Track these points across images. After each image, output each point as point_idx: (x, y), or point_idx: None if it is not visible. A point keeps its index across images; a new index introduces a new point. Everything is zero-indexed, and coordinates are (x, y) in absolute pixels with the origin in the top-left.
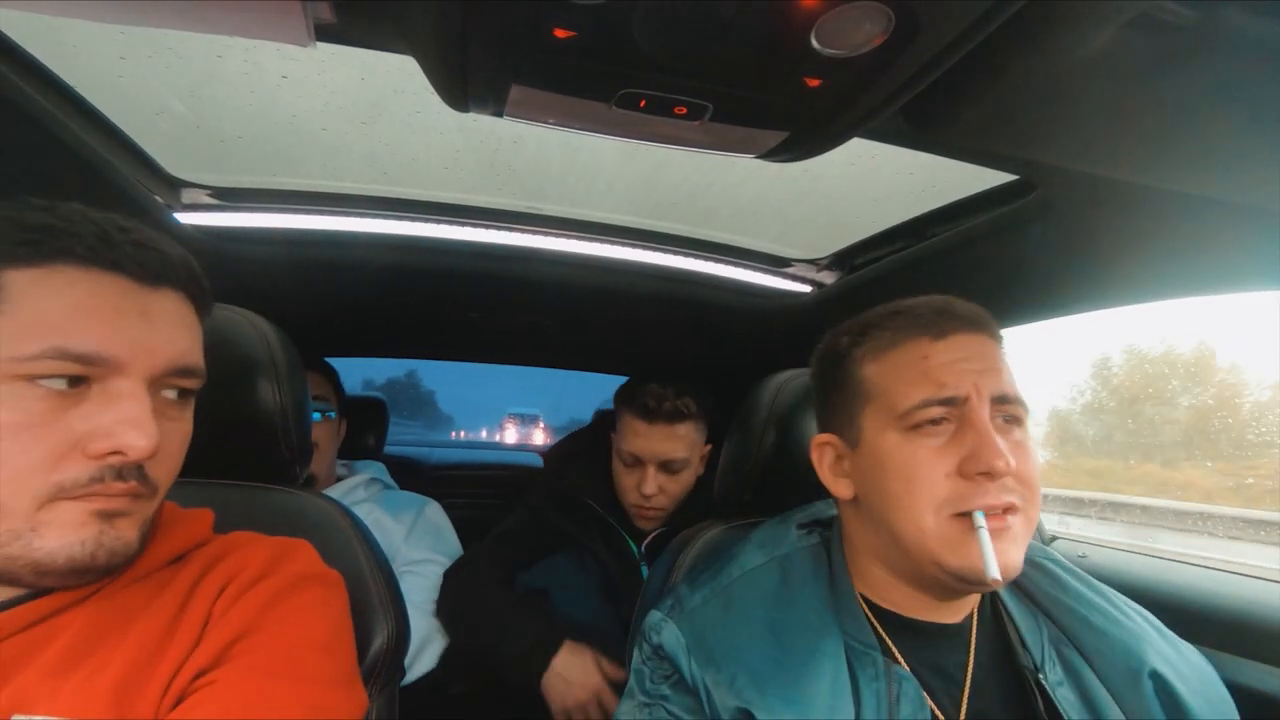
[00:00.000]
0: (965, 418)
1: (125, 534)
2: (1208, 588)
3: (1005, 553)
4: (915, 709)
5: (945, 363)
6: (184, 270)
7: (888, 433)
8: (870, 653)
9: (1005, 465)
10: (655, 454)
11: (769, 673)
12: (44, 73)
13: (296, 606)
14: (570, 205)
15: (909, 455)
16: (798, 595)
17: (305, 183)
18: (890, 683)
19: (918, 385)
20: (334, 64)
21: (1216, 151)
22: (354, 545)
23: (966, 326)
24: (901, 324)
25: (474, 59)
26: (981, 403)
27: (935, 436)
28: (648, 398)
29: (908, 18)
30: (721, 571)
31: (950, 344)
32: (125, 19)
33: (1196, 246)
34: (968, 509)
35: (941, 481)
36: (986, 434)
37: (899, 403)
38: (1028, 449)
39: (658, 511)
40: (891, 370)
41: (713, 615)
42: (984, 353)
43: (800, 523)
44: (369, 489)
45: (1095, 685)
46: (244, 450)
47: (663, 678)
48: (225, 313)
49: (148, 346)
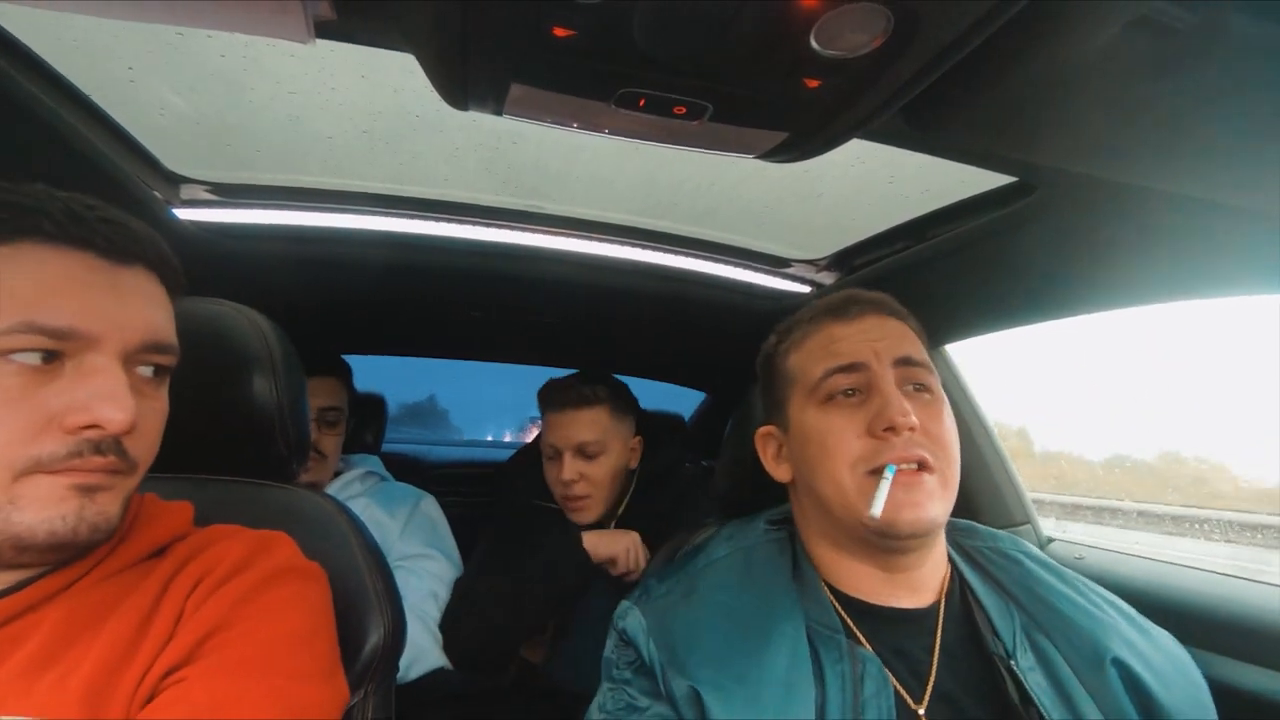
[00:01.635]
0: (871, 384)
1: (106, 508)
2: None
3: (920, 505)
4: (878, 687)
5: (849, 336)
6: (152, 248)
7: (808, 409)
8: (834, 636)
9: (906, 420)
10: (568, 440)
11: (723, 653)
12: (44, 68)
13: (272, 600)
14: (570, 204)
15: (825, 424)
16: (759, 581)
17: (305, 179)
18: (854, 663)
19: (823, 359)
20: (334, 61)
21: (1216, 154)
22: (350, 541)
23: (872, 309)
24: (813, 314)
25: (474, 57)
26: (883, 367)
27: (847, 407)
28: (555, 390)
29: (907, 18)
30: (689, 563)
31: (856, 324)
32: (126, 15)
33: (1195, 249)
34: (879, 464)
35: (854, 442)
36: (889, 393)
37: (810, 377)
38: (937, 410)
39: (583, 500)
40: (806, 354)
41: (674, 600)
42: (888, 329)
43: (770, 519)
44: (365, 483)
45: (1065, 671)
46: (240, 446)
47: (626, 663)
48: (223, 309)
49: (119, 321)
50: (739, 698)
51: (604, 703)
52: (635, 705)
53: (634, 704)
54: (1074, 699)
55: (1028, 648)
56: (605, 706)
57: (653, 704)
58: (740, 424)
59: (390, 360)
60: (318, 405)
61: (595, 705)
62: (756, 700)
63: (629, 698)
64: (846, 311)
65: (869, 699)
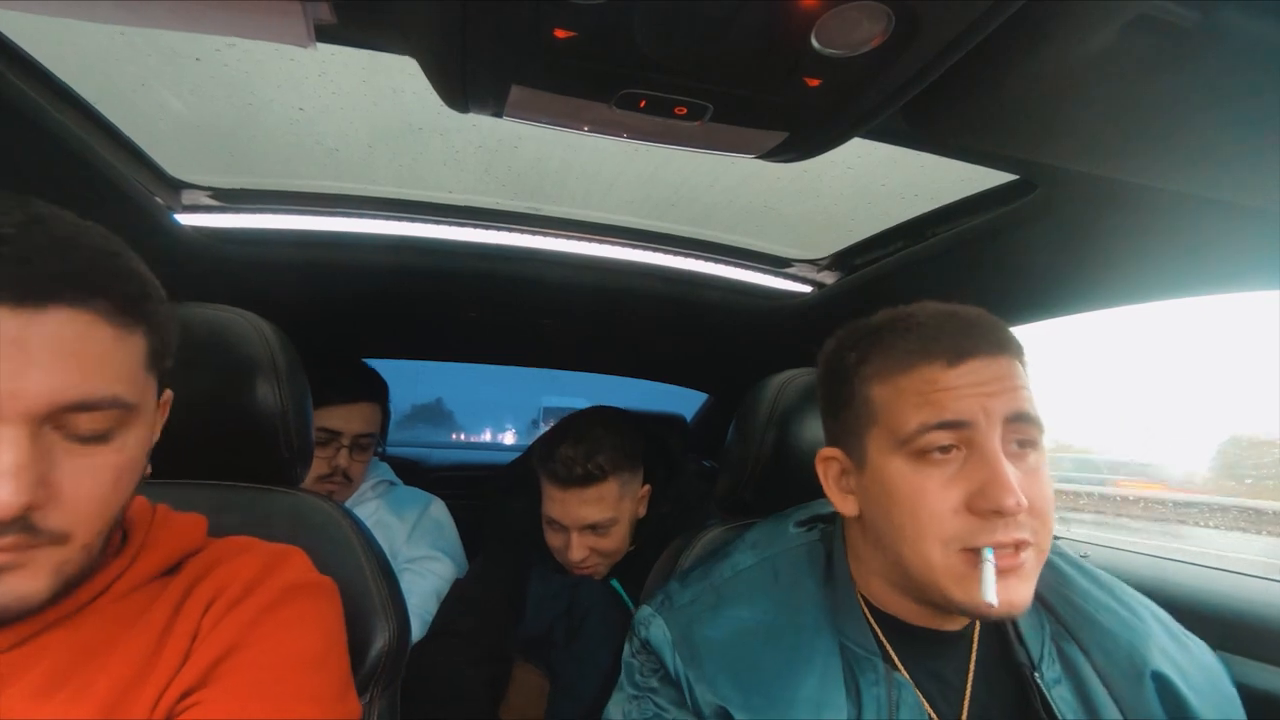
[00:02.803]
0: (974, 444)
1: (19, 587)
2: (1210, 587)
3: (1014, 589)
4: (914, 714)
5: (955, 387)
6: (94, 276)
7: (894, 458)
8: (871, 658)
9: (1016, 504)
10: (575, 519)
11: (751, 672)
12: (44, 74)
13: (286, 620)
14: (570, 205)
15: (916, 486)
16: (789, 595)
17: (306, 184)
18: (890, 689)
19: (920, 409)
20: (334, 65)
21: (1216, 151)
22: (355, 546)
23: (986, 349)
24: (913, 345)
25: (474, 59)
26: (991, 427)
27: (943, 465)
28: (558, 464)
29: (908, 18)
30: (712, 570)
31: (964, 370)
32: (126, 20)
33: (1196, 246)
34: (976, 545)
35: (949, 518)
36: (997, 467)
37: (902, 427)
38: (1041, 476)
39: (595, 568)
40: (897, 393)
41: (699, 613)
42: (1000, 375)
43: (799, 520)
44: (377, 489)
45: (1094, 683)
46: (244, 451)
47: (650, 671)
48: (225, 314)
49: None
50: (769, 717)
51: (629, 711)
52: (661, 715)
53: (661, 714)
54: (1100, 714)
55: (1055, 659)
56: (630, 715)
57: (680, 714)
58: (742, 425)
59: (399, 364)
60: (354, 432)
61: (618, 712)
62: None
63: (656, 707)
64: (956, 353)
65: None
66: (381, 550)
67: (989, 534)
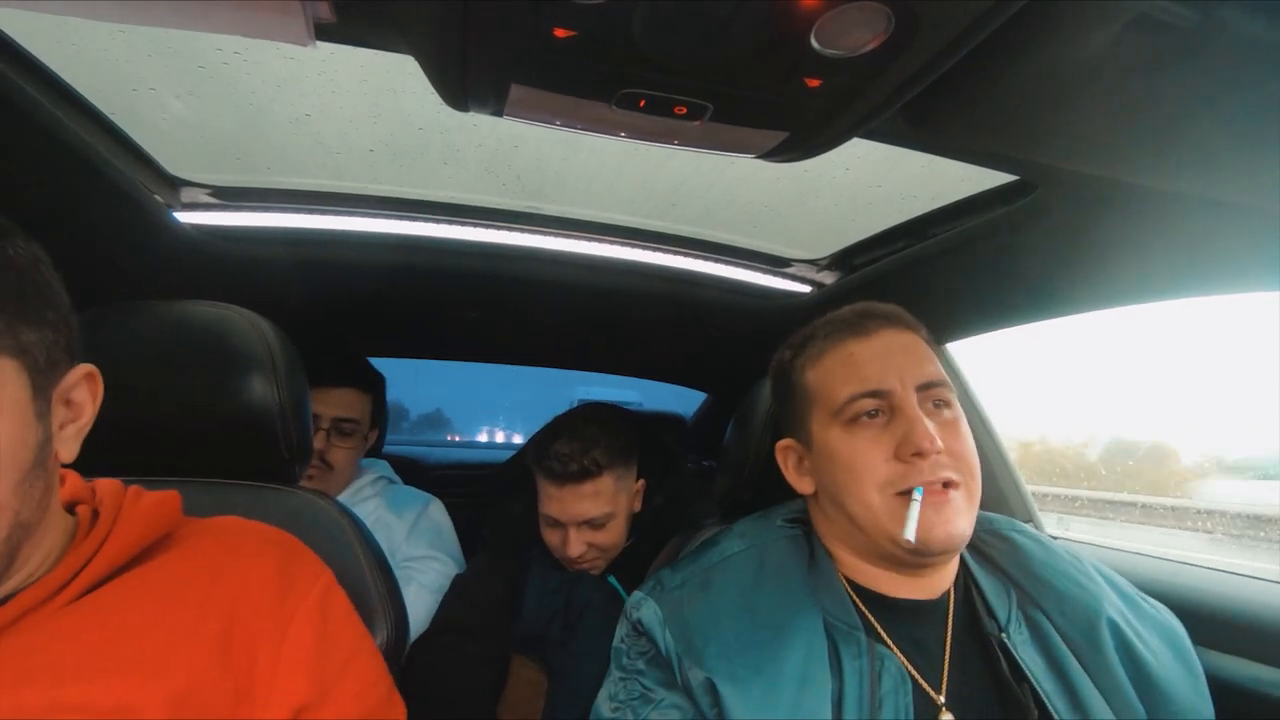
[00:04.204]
0: (895, 407)
1: None
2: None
3: (950, 522)
4: (895, 683)
5: (869, 358)
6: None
7: (831, 429)
8: (854, 632)
9: (932, 445)
10: (571, 515)
11: (739, 646)
12: (44, 72)
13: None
14: (570, 205)
15: (851, 447)
16: (774, 577)
17: (305, 182)
18: (872, 659)
19: (847, 382)
20: (334, 63)
21: (1216, 151)
22: (353, 544)
23: (888, 324)
24: (830, 330)
25: (474, 58)
26: (907, 392)
27: (871, 427)
28: (553, 461)
29: (908, 18)
30: (701, 556)
31: (873, 341)
32: (126, 18)
33: (1195, 247)
34: (907, 487)
35: (881, 465)
36: (915, 419)
37: (834, 400)
38: (958, 428)
39: (593, 563)
40: (826, 373)
41: (690, 593)
42: (906, 346)
43: (785, 517)
44: (375, 486)
45: (1060, 645)
46: (242, 449)
47: (639, 653)
48: (223, 311)
49: None
50: (755, 689)
51: (615, 693)
52: (649, 695)
53: (648, 694)
54: (1067, 671)
55: (1022, 622)
56: (617, 696)
57: (667, 694)
58: (741, 424)
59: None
60: (332, 415)
61: (604, 695)
62: (772, 692)
63: (643, 688)
64: (864, 327)
65: (886, 695)
66: (380, 548)
67: (916, 475)
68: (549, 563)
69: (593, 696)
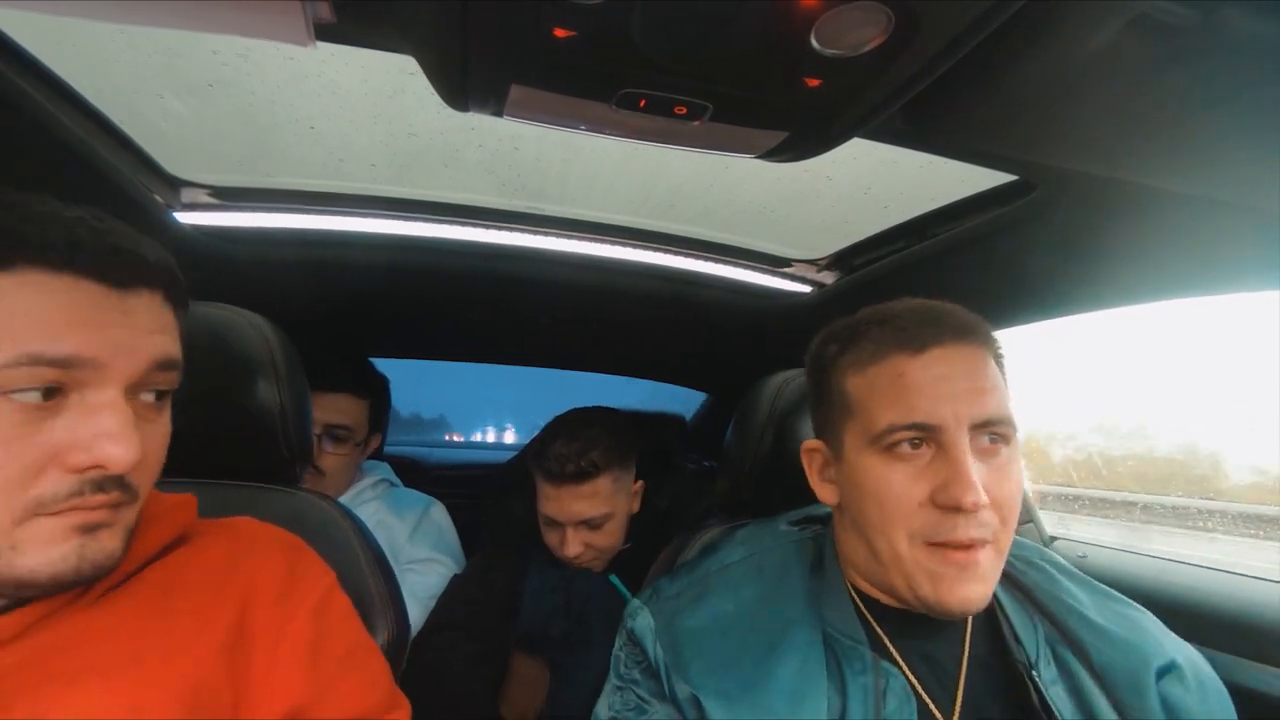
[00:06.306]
0: (942, 445)
1: (108, 545)
2: (1208, 588)
3: (971, 586)
4: (901, 703)
5: (921, 383)
6: (163, 272)
7: (865, 452)
8: (858, 647)
9: (975, 502)
10: (569, 516)
11: (728, 660)
12: (44, 72)
13: (337, 625)
14: (570, 205)
15: (885, 480)
16: (773, 586)
17: (305, 182)
18: (877, 677)
19: (892, 406)
20: (334, 63)
21: (1216, 151)
22: (354, 545)
23: (951, 337)
24: (884, 335)
25: (474, 59)
26: (960, 429)
27: (912, 460)
28: (552, 461)
29: (908, 18)
30: (700, 564)
31: (929, 359)
32: (126, 19)
33: (1196, 247)
34: (939, 541)
35: (915, 511)
36: (960, 467)
37: (873, 424)
38: (1008, 473)
39: (592, 563)
40: (870, 386)
41: (684, 604)
42: (969, 369)
43: (792, 520)
44: (376, 489)
45: (1090, 686)
46: (243, 450)
47: (635, 662)
48: (225, 313)
49: (128, 346)
50: (743, 704)
51: (612, 702)
52: (643, 706)
53: (643, 704)
54: (1096, 714)
55: (1050, 660)
56: (614, 706)
57: (660, 705)
58: (741, 424)
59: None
60: (325, 421)
61: (603, 704)
62: (762, 708)
63: (638, 698)
64: (920, 341)
65: (890, 716)
66: (380, 549)
67: (950, 530)
68: (548, 561)
69: (594, 691)
